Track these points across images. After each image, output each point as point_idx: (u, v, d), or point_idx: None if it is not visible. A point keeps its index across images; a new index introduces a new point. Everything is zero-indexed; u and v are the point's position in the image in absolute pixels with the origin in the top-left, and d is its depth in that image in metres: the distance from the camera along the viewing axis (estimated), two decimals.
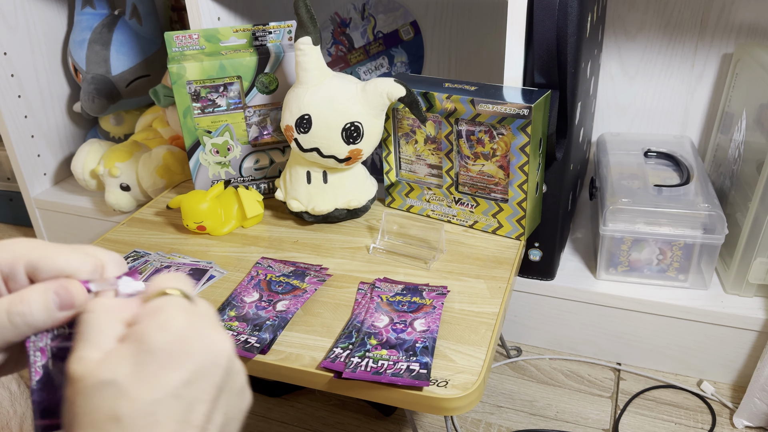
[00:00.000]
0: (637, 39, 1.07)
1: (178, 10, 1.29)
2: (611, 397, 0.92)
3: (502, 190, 0.81)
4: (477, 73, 1.15)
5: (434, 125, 0.83)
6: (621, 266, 0.93)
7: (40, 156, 1.27)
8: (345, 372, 0.58)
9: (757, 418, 0.84)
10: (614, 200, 0.89)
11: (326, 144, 0.79)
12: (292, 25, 0.91)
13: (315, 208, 0.84)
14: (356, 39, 1.16)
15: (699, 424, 0.86)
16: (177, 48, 0.88)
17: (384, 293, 0.71)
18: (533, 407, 0.91)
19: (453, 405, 0.57)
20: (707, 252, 0.88)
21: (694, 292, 0.91)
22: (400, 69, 1.17)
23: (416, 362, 0.59)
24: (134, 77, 1.19)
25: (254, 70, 0.88)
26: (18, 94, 1.20)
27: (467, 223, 0.85)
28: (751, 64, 0.94)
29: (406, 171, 0.89)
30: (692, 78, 1.07)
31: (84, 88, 1.18)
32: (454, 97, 0.78)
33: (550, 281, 0.95)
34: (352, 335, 0.64)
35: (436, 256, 0.78)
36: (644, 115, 1.13)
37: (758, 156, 0.87)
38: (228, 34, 0.90)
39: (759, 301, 0.89)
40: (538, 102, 0.74)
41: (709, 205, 0.86)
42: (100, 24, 1.18)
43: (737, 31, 1.01)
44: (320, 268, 0.77)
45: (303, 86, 0.79)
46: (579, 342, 0.98)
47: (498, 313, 0.67)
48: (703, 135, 1.11)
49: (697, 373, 0.94)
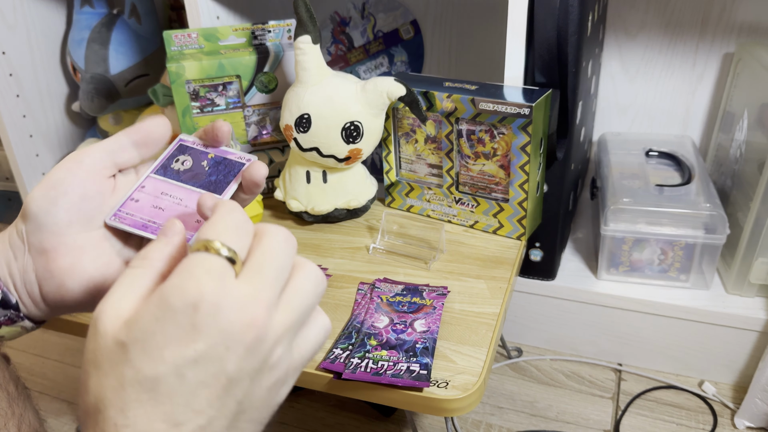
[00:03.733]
0: (638, 38, 1.07)
1: (177, 9, 1.29)
2: (612, 398, 0.91)
3: (502, 190, 0.81)
4: (477, 72, 1.15)
5: (434, 125, 0.83)
6: (622, 266, 0.92)
7: (38, 156, 1.26)
8: (345, 373, 0.58)
9: (758, 419, 0.84)
10: (615, 200, 0.89)
11: (326, 143, 0.79)
12: (291, 23, 0.91)
13: (314, 207, 0.84)
14: (356, 38, 1.16)
15: (700, 425, 0.86)
16: (176, 47, 0.88)
17: (384, 293, 0.70)
18: (534, 408, 0.90)
19: (453, 406, 0.57)
20: (708, 252, 0.88)
21: (696, 293, 0.90)
22: (400, 68, 1.17)
23: (416, 363, 0.59)
24: (133, 76, 1.19)
25: (253, 69, 0.87)
26: (17, 94, 1.19)
27: (468, 223, 0.85)
28: (752, 64, 0.94)
29: (406, 171, 0.89)
30: (693, 77, 1.07)
31: (83, 88, 1.17)
32: (455, 96, 0.77)
33: (550, 281, 0.95)
34: (352, 336, 0.64)
35: (436, 256, 0.78)
36: (645, 115, 1.13)
37: (759, 155, 0.87)
38: (227, 33, 0.89)
39: (760, 301, 0.88)
40: (538, 101, 0.74)
41: (711, 205, 0.86)
42: (98, 23, 1.17)
43: (738, 30, 1.01)
44: (320, 268, 0.76)
45: (302, 85, 0.79)
46: (580, 342, 0.98)
47: (498, 314, 0.67)
48: (704, 134, 1.11)
49: (699, 374, 0.93)
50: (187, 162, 0.46)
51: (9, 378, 0.46)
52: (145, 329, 0.30)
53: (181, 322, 0.29)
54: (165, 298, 0.30)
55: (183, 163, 0.46)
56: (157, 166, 0.46)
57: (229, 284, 0.31)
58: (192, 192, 0.45)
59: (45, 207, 0.41)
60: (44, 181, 0.42)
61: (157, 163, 0.46)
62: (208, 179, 0.45)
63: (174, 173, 0.46)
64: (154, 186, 0.45)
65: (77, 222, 0.42)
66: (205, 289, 0.30)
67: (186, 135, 0.47)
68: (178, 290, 0.30)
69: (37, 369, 1.04)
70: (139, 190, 0.45)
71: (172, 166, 0.46)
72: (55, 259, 0.42)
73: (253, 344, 0.31)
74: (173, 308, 0.30)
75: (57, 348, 1.08)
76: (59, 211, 0.41)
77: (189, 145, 0.47)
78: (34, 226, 0.42)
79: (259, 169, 0.44)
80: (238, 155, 0.46)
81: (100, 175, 0.43)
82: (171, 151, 0.46)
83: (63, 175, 0.41)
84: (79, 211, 0.42)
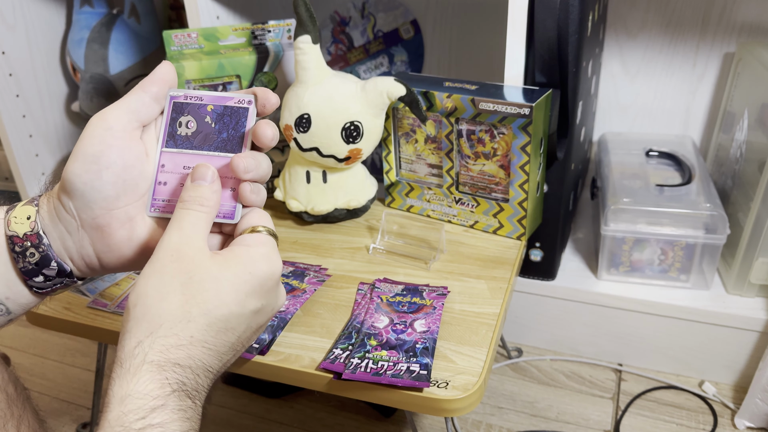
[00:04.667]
0: (639, 38, 1.07)
1: (176, 8, 1.29)
2: (612, 398, 0.91)
3: (502, 190, 0.81)
4: (477, 71, 1.15)
5: (434, 124, 0.82)
6: (622, 266, 0.92)
7: (38, 156, 1.26)
8: (345, 373, 0.58)
9: (758, 419, 0.84)
10: (616, 200, 0.89)
11: (326, 143, 0.79)
12: (291, 23, 0.91)
13: (314, 208, 0.84)
14: (356, 38, 1.16)
15: (700, 425, 0.86)
16: (176, 47, 0.88)
17: (384, 294, 0.70)
18: (534, 408, 0.90)
19: (453, 406, 0.57)
20: (709, 252, 0.88)
21: (696, 293, 0.90)
22: (400, 68, 1.17)
23: (416, 363, 0.59)
24: (133, 76, 1.19)
25: (253, 69, 0.87)
26: (16, 94, 1.19)
27: (468, 223, 0.85)
28: (753, 64, 0.93)
29: (406, 171, 0.89)
30: (694, 77, 1.07)
31: (82, 88, 1.17)
32: (455, 96, 0.77)
33: (551, 281, 0.95)
34: (352, 336, 0.64)
35: (436, 256, 0.77)
36: (646, 115, 1.13)
37: (760, 155, 0.86)
38: (227, 32, 0.89)
39: (761, 301, 0.88)
40: (539, 101, 0.74)
41: (711, 205, 0.86)
42: (98, 23, 1.17)
43: (739, 30, 1.01)
44: (320, 269, 0.76)
45: (302, 85, 0.78)
46: (580, 343, 0.98)
47: (499, 314, 0.67)
48: (704, 134, 1.11)
49: (699, 374, 0.93)
50: (191, 123, 0.45)
51: (8, 379, 0.46)
52: (234, 281, 0.40)
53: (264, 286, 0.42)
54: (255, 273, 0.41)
55: (187, 125, 0.45)
56: (165, 138, 0.45)
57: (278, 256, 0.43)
58: (211, 157, 0.45)
59: (90, 182, 0.42)
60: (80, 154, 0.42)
61: (163, 133, 0.45)
62: (220, 137, 0.45)
63: (184, 140, 0.45)
64: (172, 162, 0.45)
65: (124, 194, 0.43)
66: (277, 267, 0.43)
67: (174, 90, 0.46)
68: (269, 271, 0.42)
69: (36, 369, 1.04)
70: (161, 171, 0.45)
71: (179, 133, 0.45)
72: (110, 234, 0.44)
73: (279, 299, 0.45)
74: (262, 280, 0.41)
75: (57, 348, 1.08)
76: (105, 186, 0.42)
77: (183, 101, 0.46)
78: (82, 202, 0.43)
79: (265, 132, 0.44)
80: (236, 99, 0.45)
81: (133, 139, 0.44)
82: (169, 114, 0.46)
83: (99, 146, 0.42)
84: (125, 182, 0.43)
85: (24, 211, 0.44)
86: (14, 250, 0.43)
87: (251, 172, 0.43)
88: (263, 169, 0.45)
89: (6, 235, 0.43)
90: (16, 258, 0.43)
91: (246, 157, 0.43)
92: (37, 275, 0.44)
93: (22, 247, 0.43)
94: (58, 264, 0.44)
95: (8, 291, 0.44)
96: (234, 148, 0.45)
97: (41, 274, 0.44)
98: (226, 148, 0.45)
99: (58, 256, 0.44)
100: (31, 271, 0.44)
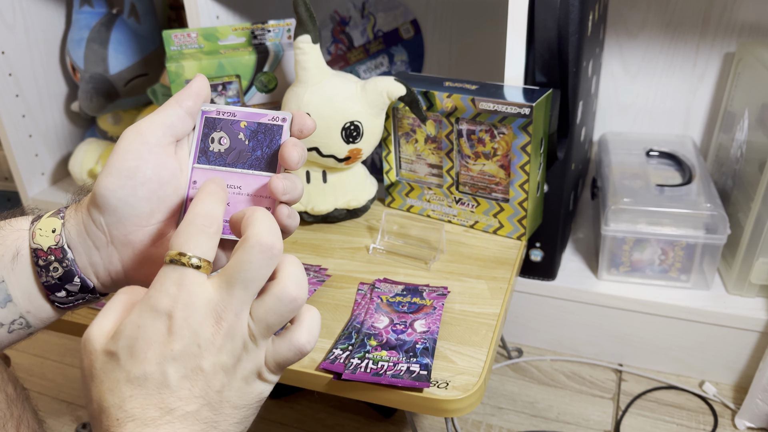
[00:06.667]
0: (639, 38, 1.07)
1: (176, 8, 1.29)
2: (613, 399, 0.91)
3: (503, 190, 0.81)
4: (478, 71, 1.15)
5: (434, 124, 0.82)
6: (623, 266, 0.92)
7: (38, 155, 1.26)
8: (344, 373, 0.58)
9: (759, 419, 0.84)
10: (616, 200, 0.89)
11: (326, 143, 0.79)
12: (291, 23, 0.91)
13: (314, 208, 0.84)
14: (356, 37, 1.16)
15: (701, 426, 0.86)
16: (175, 47, 0.88)
17: (384, 294, 0.70)
18: (534, 408, 0.90)
19: (453, 406, 0.56)
20: (709, 252, 0.88)
21: (696, 293, 0.90)
22: (400, 68, 1.17)
23: (416, 363, 0.59)
24: (132, 76, 1.18)
25: (253, 69, 0.87)
26: (16, 94, 1.19)
27: (468, 223, 0.85)
28: (753, 64, 0.93)
29: (406, 170, 0.89)
30: (694, 77, 1.07)
31: (82, 87, 1.17)
32: (455, 95, 0.77)
33: (551, 282, 0.94)
34: (352, 336, 0.64)
35: (436, 256, 0.77)
36: (646, 115, 1.13)
37: (760, 155, 0.86)
38: (227, 32, 0.89)
39: (761, 301, 0.88)
40: (539, 101, 0.73)
41: (712, 205, 0.86)
42: (98, 23, 1.17)
43: (739, 30, 1.01)
44: (319, 269, 0.76)
45: (302, 85, 0.78)
46: (580, 343, 0.98)
47: (499, 314, 0.67)
48: (705, 134, 1.11)
49: (699, 374, 0.93)
50: (224, 139, 0.44)
51: (8, 379, 0.46)
52: (129, 336, 0.35)
53: (159, 328, 0.34)
54: (144, 310, 0.35)
55: (220, 141, 0.44)
56: (196, 153, 0.44)
57: (198, 292, 0.35)
58: (245, 176, 0.43)
59: (125, 198, 0.41)
60: (114, 168, 0.40)
61: (194, 148, 0.44)
62: (254, 155, 0.43)
63: (217, 157, 0.44)
64: (205, 178, 0.43)
65: (158, 211, 0.42)
66: (177, 301, 0.35)
67: (206, 105, 0.44)
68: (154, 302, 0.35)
69: (36, 369, 1.04)
70: (193, 188, 0.43)
71: (211, 149, 0.44)
72: (142, 252, 0.43)
73: (222, 344, 0.35)
74: (151, 318, 0.35)
75: (57, 348, 1.08)
76: (140, 202, 0.41)
77: (215, 116, 0.44)
78: (115, 218, 0.41)
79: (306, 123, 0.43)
80: (271, 116, 0.43)
81: (168, 154, 0.42)
82: (201, 129, 0.44)
83: (135, 161, 0.40)
84: (159, 199, 0.42)
85: (49, 224, 0.42)
86: (38, 264, 0.42)
87: (288, 194, 0.41)
88: (298, 192, 0.42)
89: (30, 247, 0.42)
90: (39, 272, 0.42)
91: (284, 178, 0.41)
92: (59, 290, 0.43)
93: (46, 261, 0.42)
94: (81, 279, 0.43)
95: (30, 305, 0.43)
96: (268, 167, 0.43)
97: (63, 289, 0.43)
98: (260, 166, 0.43)
99: (82, 271, 0.43)
100: (54, 285, 0.43)
